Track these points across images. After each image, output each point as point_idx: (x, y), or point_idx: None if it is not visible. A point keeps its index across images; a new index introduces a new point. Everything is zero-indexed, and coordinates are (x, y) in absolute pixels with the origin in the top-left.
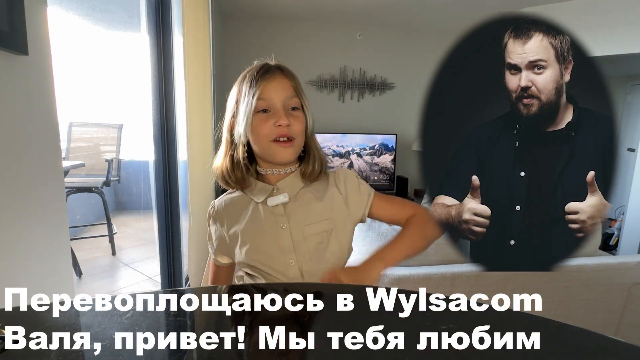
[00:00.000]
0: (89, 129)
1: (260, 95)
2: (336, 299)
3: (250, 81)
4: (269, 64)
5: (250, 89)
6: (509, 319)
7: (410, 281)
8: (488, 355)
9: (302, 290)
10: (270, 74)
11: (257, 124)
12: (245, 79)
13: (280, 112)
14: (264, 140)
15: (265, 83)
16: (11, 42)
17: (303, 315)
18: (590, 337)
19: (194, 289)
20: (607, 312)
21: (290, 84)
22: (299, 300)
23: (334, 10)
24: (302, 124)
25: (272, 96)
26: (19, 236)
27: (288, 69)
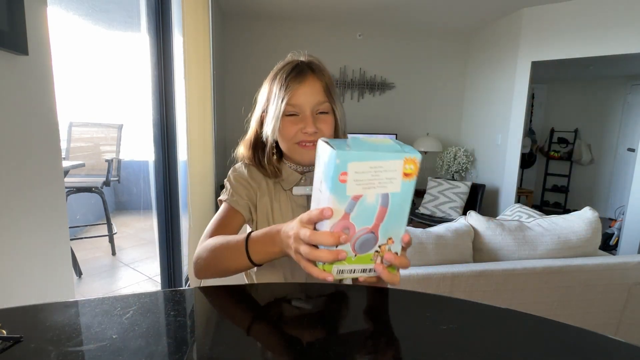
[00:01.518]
0: (89, 129)
1: (289, 101)
2: (337, 299)
3: (281, 83)
4: (300, 64)
5: (280, 91)
6: (509, 318)
7: (410, 281)
8: (488, 355)
9: (300, 289)
10: (301, 76)
11: (285, 126)
12: (276, 78)
13: (308, 119)
14: (289, 142)
15: (295, 87)
16: (11, 42)
17: (302, 313)
18: (590, 337)
19: (194, 289)
20: (607, 312)
21: (320, 86)
22: (300, 299)
23: (334, 10)
24: (331, 127)
25: (302, 101)
26: (19, 236)
27: (320, 67)
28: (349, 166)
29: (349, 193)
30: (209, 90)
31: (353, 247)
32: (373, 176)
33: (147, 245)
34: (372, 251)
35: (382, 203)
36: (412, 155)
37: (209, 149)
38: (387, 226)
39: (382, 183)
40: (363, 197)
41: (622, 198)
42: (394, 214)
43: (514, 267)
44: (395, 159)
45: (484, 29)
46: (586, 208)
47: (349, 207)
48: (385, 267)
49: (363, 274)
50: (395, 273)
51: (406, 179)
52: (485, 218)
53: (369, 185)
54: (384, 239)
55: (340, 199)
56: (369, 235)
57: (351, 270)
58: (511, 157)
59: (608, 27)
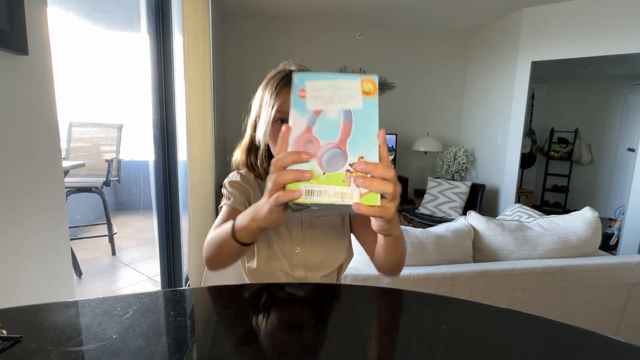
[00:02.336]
0: (89, 129)
1: (278, 108)
2: (338, 299)
3: (271, 91)
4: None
5: (271, 98)
6: (509, 318)
7: (411, 281)
8: (488, 355)
9: (303, 289)
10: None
11: (274, 133)
12: (268, 86)
13: None
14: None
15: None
16: (11, 42)
17: (303, 313)
18: (590, 337)
19: (194, 289)
20: (607, 312)
21: None
22: (300, 299)
23: (334, 10)
24: None
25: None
26: (19, 236)
27: None
28: (307, 84)
29: (308, 107)
30: (209, 90)
31: (320, 163)
32: (331, 93)
33: (147, 245)
34: (342, 169)
35: (345, 118)
36: (368, 76)
37: (209, 149)
38: (354, 143)
39: (342, 100)
40: (324, 112)
41: (622, 198)
42: (360, 130)
43: (514, 267)
44: (351, 79)
45: (484, 29)
46: (586, 208)
47: (310, 121)
48: (362, 204)
49: (337, 199)
50: (374, 206)
51: (367, 97)
52: (485, 218)
53: (329, 101)
54: (355, 156)
55: (301, 113)
56: (336, 151)
57: (322, 192)
58: (511, 157)
59: (608, 27)
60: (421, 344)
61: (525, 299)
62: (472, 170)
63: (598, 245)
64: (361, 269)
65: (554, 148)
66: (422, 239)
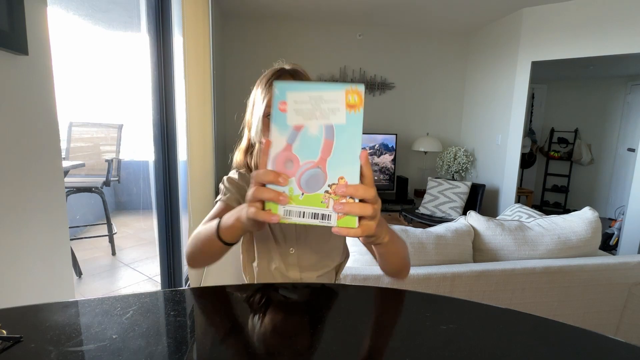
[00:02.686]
0: (89, 129)
1: (268, 102)
2: (338, 299)
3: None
4: (283, 69)
5: (261, 94)
6: (509, 318)
7: (410, 281)
8: (488, 355)
9: (303, 289)
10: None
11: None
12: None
13: None
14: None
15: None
16: (11, 42)
17: (303, 313)
18: (590, 337)
19: (194, 289)
20: (607, 312)
21: None
22: (299, 299)
23: (334, 10)
24: None
25: None
26: (19, 236)
27: (302, 74)
28: (288, 95)
29: (289, 122)
30: (209, 90)
31: (299, 183)
32: (313, 106)
33: (147, 245)
34: (321, 190)
35: (327, 135)
36: (353, 86)
37: (209, 149)
38: (335, 162)
39: (324, 114)
40: (305, 127)
41: (622, 198)
42: (342, 148)
43: (514, 267)
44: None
45: (484, 29)
46: (586, 208)
47: (290, 138)
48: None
49: (315, 221)
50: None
51: (351, 111)
52: (485, 218)
53: (310, 116)
54: (334, 177)
55: (281, 129)
56: (316, 170)
57: (300, 213)
58: (511, 157)
59: (608, 27)
60: (421, 344)
61: (525, 299)
62: (472, 170)
63: (598, 245)
64: (361, 269)
65: (554, 148)
66: (422, 239)
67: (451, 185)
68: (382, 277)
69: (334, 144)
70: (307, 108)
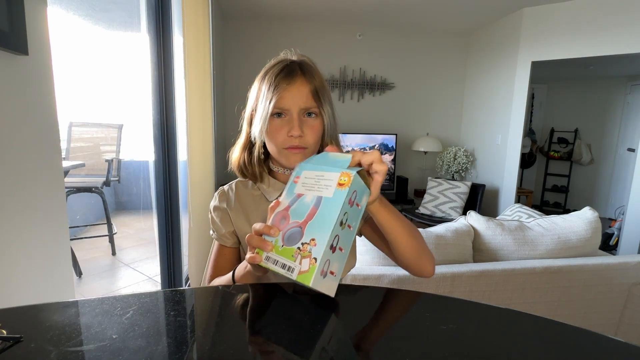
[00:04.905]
0: (89, 129)
1: (276, 103)
2: (337, 298)
3: (269, 83)
4: (291, 64)
5: (269, 91)
6: (509, 318)
7: (411, 281)
8: (488, 355)
9: (301, 289)
10: (291, 77)
11: (272, 129)
12: (266, 77)
13: (294, 122)
14: (278, 146)
15: (283, 88)
16: (11, 42)
17: (303, 313)
18: (590, 337)
19: (194, 289)
20: (607, 312)
21: (309, 89)
22: (300, 299)
23: (334, 10)
24: (317, 132)
25: (289, 104)
26: (19, 236)
27: (310, 69)
28: (303, 173)
29: (295, 191)
30: (209, 90)
31: (283, 236)
32: (315, 182)
33: (147, 245)
34: (295, 246)
35: (315, 204)
36: (348, 170)
37: (209, 149)
38: (313, 226)
39: (320, 188)
40: (303, 196)
41: (622, 198)
42: (322, 216)
43: (514, 267)
44: (334, 172)
45: (484, 29)
46: (586, 208)
47: (291, 202)
48: (298, 280)
49: (282, 270)
50: (307, 284)
51: (339, 188)
52: (485, 218)
53: (310, 188)
54: (308, 237)
55: (289, 194)
56: (296, 229)
57: (275, 261)
58: (511, 157)
59: (608, 27)
60: (421, 344)
61: (525, 299)
62: (472, 170)
63: (598, 245)
64: (361, 269)
65: (554, 148)
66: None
67: (451, 185)
68: (382, 277)
69: (317, 212)
70: (311, 183)
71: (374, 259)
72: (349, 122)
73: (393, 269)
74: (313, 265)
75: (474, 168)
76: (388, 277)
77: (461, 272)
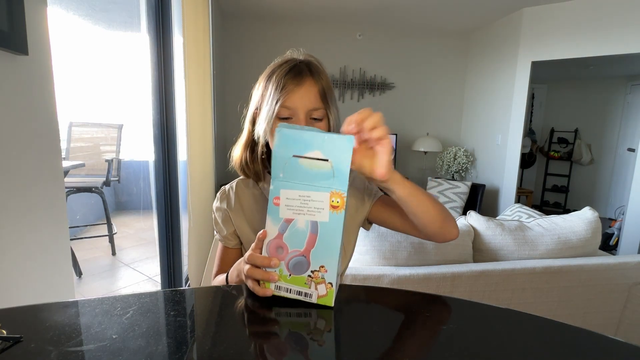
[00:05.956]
0: (89, 129)
1: (283, 103)
2: (338, 299)
3: (277, 83)
4: (299, 64)
5: (275, 92)
6: (509, 318)
7: (411, 281)
8: (488, 355)
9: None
10: (299, 78)
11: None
12: (273, 77)
13: (300, 124)
14: None
15: (291, 89)
16: (11, 42)
17: (302, 313)
18: (590, 337)
19: (194, 289)
20: (607, 312)
21: (317, 91)
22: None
23: (334, 10)
24: None
25: (296, 105)
26: (19, 236)
27: (318, 69)
28: (281, 192)
29: (281, 215)
30: (209, 90)
31: (287, 266)
32: (302, 204)
33: (147, 245)
34: (305, 274)
35: (312, 230)
36: (338, 189)
37: (209, 149)
38: (318, 253)
39: (311, 211)
40: (294, 221)
41: (622, 198)
42: (324, 243)
43: (514, 267)
44: (321, 191)
45: (484, 29)
46: (586, 208)
47: (282, 228)
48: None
49: (299, 297)
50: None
51: (334, 211)
52: (485, 218)
53: (299, 212)
54: (316, 265)
55: (274, 220)
56: (301, 259)
57: (287, 289)
58: (511, 157)
59: (608, 27)
60: (421, 344)
61: (525, 299)
62: (472, 170)
63: (598, 245)
64: (361, 269)
65: (554, 148)
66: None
67: (451, 185)
68: (382, 277)
69: (318, 238)
70: (296, 204)
71: (374, 259)
72: None
73: (393, 269)
74: (330, 289)
75: (474, 168)
76: (388, 277)
77: (461, 272)
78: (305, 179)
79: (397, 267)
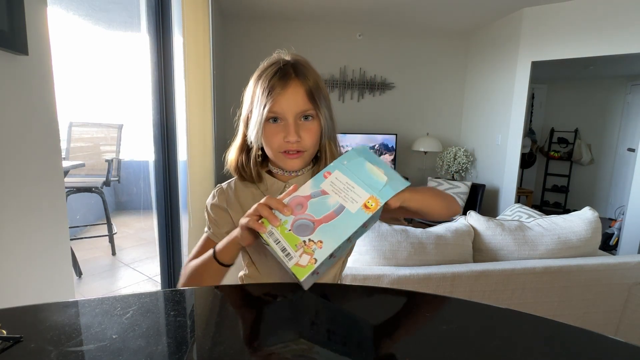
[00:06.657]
0: (89, 129)
1: (271, 108)
2: (338, 299)
3: (264, 87)
4: (284, 66)
5: (263, 96)
6: (509, 318)
7: (411, 281)
8: (488, 355)
9: (301, 288)
10: (284, 81)
11: (268, 134)
12: (260, 79)
13: (290, 127)
14: (275, 151)
15: (277, 92)
16: (11, 42)
17: (303, 313)
18: (590, 337)
19: (194, 289)
20: (607, 312)
21: (304, 91)
22: (301, 299)
23: (334, 10)
24: (315, 135)
25: (284, 109)
26: (19, 236)
27: (304, 69)
28: (336, 172)
29: (322, 186)
30: (209, 90)
31: (293, 222)
32: (345, 188)
33: (147, 245)
34: (302, 238)
35: (336, 211)
36: (379, 197)
37: (209, 149)
38: (325, 230)
39: (347, 198)
40: (328, 196)
41: (622, 198)
42: (337, 226)
43: (514, 267)
44: (366, 190)
45: (484, 29)
46: (586, 208)
47: (314, 194)
48: (292, 270)
49: (282, 253)
50: (300, 279)
51: (364, 209)
52: (485, 218)
53: (337, 192)
54: (317, 237)
55: (314, 185)
56: (309, 223)
57: (277, 240)
58: (511, 157)
59: (608, 27)
60: (421, 344)
61: (525, 299)
62: (472, 170)
63: (598, 245)
64: (361, 269)
65: (554, 148)
66: (422, 239)
67: (451, 185)
68: (382, 277)
69: (335, 220)
70: (340, 187)
71: (374, 259)
72: (349, 122)
73: (393, 269)
74: (311, 265)
75: (474, 168)
76: (388, 277)
77: (461, 272)
78: (361, 176)
79: (397, 267)
